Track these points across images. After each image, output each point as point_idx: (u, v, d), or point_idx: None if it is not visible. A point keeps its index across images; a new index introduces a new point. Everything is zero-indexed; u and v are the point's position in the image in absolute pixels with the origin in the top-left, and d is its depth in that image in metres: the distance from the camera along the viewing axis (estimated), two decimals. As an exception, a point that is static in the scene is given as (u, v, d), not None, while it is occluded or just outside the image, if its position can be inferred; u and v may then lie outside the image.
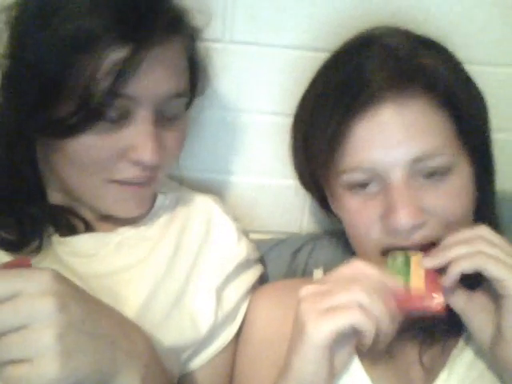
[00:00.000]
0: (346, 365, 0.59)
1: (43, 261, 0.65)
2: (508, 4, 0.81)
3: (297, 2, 0.78)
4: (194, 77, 0.72)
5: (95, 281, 0.66)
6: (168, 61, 0.63)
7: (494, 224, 0.68)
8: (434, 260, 0.58)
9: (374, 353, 0.61)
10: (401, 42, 0.65)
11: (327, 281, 0.58)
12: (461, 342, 0.64)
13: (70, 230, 0.69)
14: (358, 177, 0.63)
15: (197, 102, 0.81)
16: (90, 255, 0.68)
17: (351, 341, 0.56)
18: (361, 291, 0.53)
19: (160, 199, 0.76)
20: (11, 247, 0.64)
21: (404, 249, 0.62)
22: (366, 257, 0.64)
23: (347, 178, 0.64)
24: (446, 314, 0.58)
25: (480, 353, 0.62)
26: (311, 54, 0.80)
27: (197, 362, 0.71)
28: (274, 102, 0.84)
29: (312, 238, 0.87)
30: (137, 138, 0.62)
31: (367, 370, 0.63)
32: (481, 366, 0.62)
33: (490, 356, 0.59)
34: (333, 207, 0.72)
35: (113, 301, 0.63)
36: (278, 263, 0.85)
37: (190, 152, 0.85)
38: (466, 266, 0.55)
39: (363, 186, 0.63)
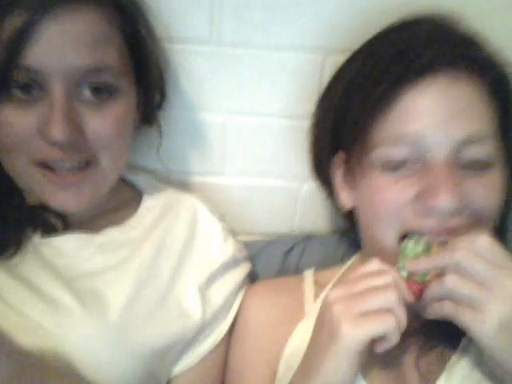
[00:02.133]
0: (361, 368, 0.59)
1: (25, 262, 0.65)
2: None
3: (285, 1, 0.78)
4: (138, 59, 0.67)
5: (78, 282, 0.65)
6: (77, 31, 0.59)
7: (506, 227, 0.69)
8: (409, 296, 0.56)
9: (372, 356, 0.61)
10: (452, 25, 0.64)
11: (352, 282, 0.56)
12: (459, 350, 0.63)
13: (48, 229, 0.68)
14: (397, 153, 0.60)
15: (184, 104, 0.82)
16: (72, 256, 0.67)
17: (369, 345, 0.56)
18: (392, 297, 0.53)
19: (146, 200, 0.76)
20: None
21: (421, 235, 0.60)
22: (380, 243, 0.63)
23: (386, 152, 0.60)
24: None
25: (479, 361, 0.61)
26: (301, 55, 0.80)
27: (187, 362, 0.71)
28: (264, 102, 0.83)
29: (303, 239, 0.87)
30: (48, 114, 0.59)
31: (364, 374, 0.63)
32: (479, 375, 0.60)
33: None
34: (344, 194, 0.70)
35: (96, 302, 0.64)
36: (270, 264, 0.85)
37: (180, 154, 0.85)
38: (438, 314, 0.55)
39: (398, 166, 0.60)
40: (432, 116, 0.59)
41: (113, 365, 0.62)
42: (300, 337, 0.68)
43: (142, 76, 0.69)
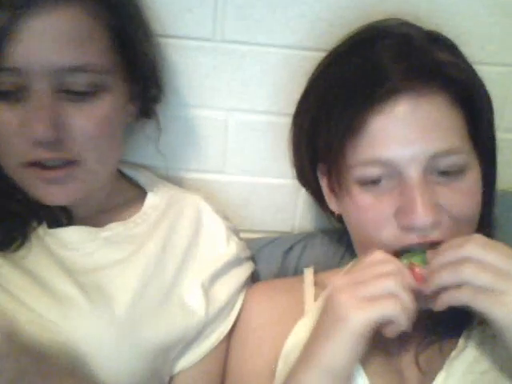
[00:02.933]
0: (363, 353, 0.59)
1: (31, 254, 0.65)
2: (504, 1, 0.81)
3: (288, 0, 0.78)
4: (126, 54, 0.66)
5: (84, 276, 0.66)
6: (59, 29, 0.59)
7: (491, 224, 0.69)
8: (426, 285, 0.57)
9: (371, 354, 0.62)
10: (415, 33, 0.65)
11: (356, 271, 0.57)
12: (459, 345, 0.63)
13: (53, 222, 0.68)
14: (372, 171, 0.62)
15: (186, 101, 0.82)
16: (77, 248, 0.68)
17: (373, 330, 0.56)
18: (396, 282, 0.54)
19: (150, 198, 0.76)
20: None
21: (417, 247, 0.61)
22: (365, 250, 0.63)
23: (361, 172, 0.62)
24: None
25: (479, 356, 0.62)
26: (303, 53, 0.80)
27: (189, 360, 0.72)
28: (265, 101, 0.83)
29: (304, 237, 0.87)
30: (31, 113, 0.59)
31: (365, 369, 0.63)
32: (479, 369, 0.61)
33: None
34: (333, 201, 0.71)
35: (102, 297, 0.64)
36: (270, 262, 0.85)
37: (181, 151, 0.85)
38: (453, 302, 0.55)
39: (376, 182, 0.62)
40: (400, 137, 0.60)
41: (117, 359, 0.63)
42: (299, 334, 0.68)
43: (133, 72, 0.68)
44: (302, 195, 0.88)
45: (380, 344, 0.64)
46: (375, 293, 0.54)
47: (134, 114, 0.72)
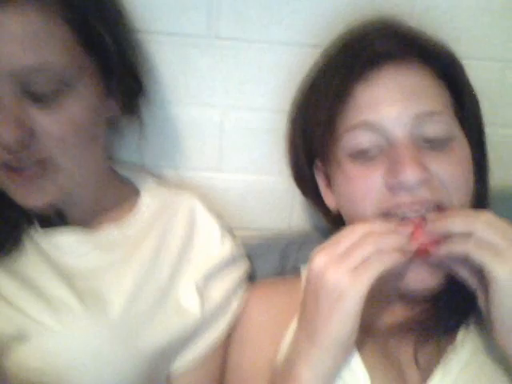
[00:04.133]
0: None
1: (24, 258, 0.65)
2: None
3: (282, -2, 0.77)
4: (95, 52, 0.64)
5: (77, 280, 0.65)
6: (15, 31, 0.57)
7: None
8: (433, 226, 0.59)
9: (371, 348, 0.63)
10: (403, 24, 0.69)
11: (333, 244, 0.58)
12: (457, 341, 0.63)
13: (44, 223, 0.68)
14: (360, 137, 0.63)
15: (181, 99, 0.81)
16: (70, 251, 0.67)
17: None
18: (374, 243, 0.56)
19: (144, 199, 0.76)
20: None
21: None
22: None
23: (350, 140, 0.64)
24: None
25: (476, 352, 0.62)
26: (298, 50, 0.80)
27: (186, 359, 0.71)
28: (261, 98, 0.83)
29: (301, 235, 0.87)
30: None
31: (367, 366, 0.63)
32: (476, 365, 0.61)
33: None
34: (329, 197, 0.72)
35: (96, 301, 0.64)
36: (267, 260, 0.85)
37: (177, 150, 0.85)
38: (456, 249, 0.56)
39: (365, 152, 0.63)
40: (384, 101, 0.63)
41: (113, 364, 0.62)
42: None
43: (104, 66, 0.66)
44: (298, 193, 0.88)
45: (379, 340, 0.64)
46: (360, 259, 0.55)
47: (114, 109, 0.69)
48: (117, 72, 0.67)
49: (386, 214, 0.63)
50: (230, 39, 0.79)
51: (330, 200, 0.73)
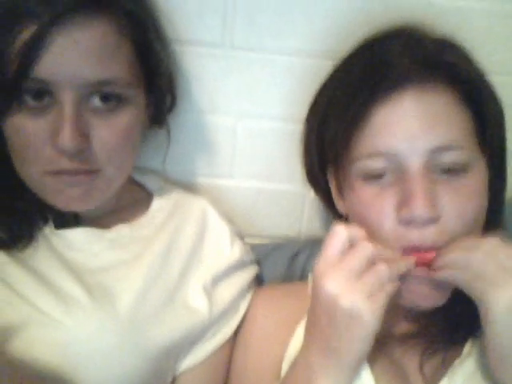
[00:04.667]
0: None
1: (37, 253, 0.66)
2: (507, 10, 0.81)
3: (297, 7, 0.79)
4: (148, 66, 0.67)
5: (88, 276, 0.66)
6: (88, 42, 0.60)
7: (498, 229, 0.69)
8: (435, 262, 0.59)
9: (379, 358, 0.63)
10: (427, 35, 0.66)
11: (336, 258, 0.57)
12: (463, 354, 0.63)
13: (60, 222, 0.69)
14: (375, 164, 0.62)
15: (195, 106, 0.82)
16: (82, 249, 0.68)
17: None
18: (386, 270, 0.56)
19: (156, 201, 0.77)
20: (4, 245, 0.65)
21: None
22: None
23: (364, 164, 0.63)
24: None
25: (481, 365, 0.61)
26: (312, 60, 0.81)
27: (192, 360, 0.72)
28: (273, 107, 0.84)
29: (310, 243, 0.87)
30: (57, 122, 0.60)
31: (374, 376, 0.63)
32: (482, 377, 0.60)
33: None
34: (341, 203, 0.72)
35: (105, 297, 0.65)
36: (276, 268, 0.85)
37: (189, 156, 0.86)
38: (452, 277, 0.57)
39: (379, 176, 0.63)
40: (403, 129, 0.61)
41: (120, 360, 0.63)
42: (302, 337, 0.68)
43: (152, 82, 0.69)
44: (309, 200, 0.89)
45: (386, 350, 0.64)
46: (374, 287, 0.56)
47: (145, 125, 0.73)
48: (160, 88, 0.70)
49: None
50: (244, 48, 0.80)
51: (340, 206, 0.73)
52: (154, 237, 0.73)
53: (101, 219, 0.72)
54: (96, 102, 0.62)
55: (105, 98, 0.62)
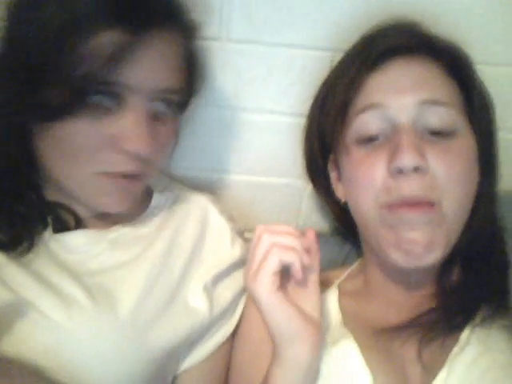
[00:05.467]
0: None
1: (36, 258, 0.65)
2: (507, 2, 0.81)
3: (293, 1, 0.78)
4: (192, 76, 0.70)
5: (89, 278, 0.65)
6: (165, 53, 0.62)
7: (492, 223, 0.69)
8: None
9: (375, 349, 0.63)
10: (420, 24, 0.72)
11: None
12: (461, 341, 0.62)
13: (60, 226, 0.68)
14: (368, 122, 0.66)
15: (194, 100, 0.82)
16: (83, 252, 0.67)
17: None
18: (267, 236, 0.61)
19: (156, 198, 0.76)
20: (3, 248, 0.64)
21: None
22: (365, 215, 0.66)
23: (358, 123, 0.66)
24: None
25: (481, 353, 0.61)
26: (309, 53, 0.80)
27: (193, 359, 0.72)
28: (271, 100, 0.84)
29: (308, 237, 0.87)
30: (130, 128, 0.61)
31: (369, 366, 0.63)
32: (482, 365, 0.60)
33: None
34: (339, 188, 0.74)
35: (106, 299, 0.64)
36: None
37: (186, 151, 0.85)
38: None
39: (372, 139, 0.66)
40: (392, 87, 0.66)
41: (119, 363, 0.62)
42: None
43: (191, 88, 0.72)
44: (307, 195, 0.88)
45: (384, 339, 0.64)
46: (260, 259, 0.61)
47: None
48: (195, 90, 0.73)
49: (385, 208, 0.64)
50: (242, 41, 0.79)
51: (339, 192, 0.74)
52: (154, 236, 0.72)
53: (100, 219, 0.71)
54: (161, 107, 0.64)
55: (165, 106, 0.65)
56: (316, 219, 0.91)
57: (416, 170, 0.61)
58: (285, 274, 0.62)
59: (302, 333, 0.60)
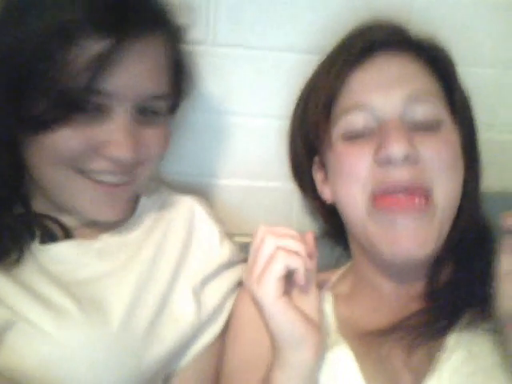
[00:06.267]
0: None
1: (25, 269, 0.64)
2: (491, 3, 0.82)
3: (280, 3, 0.78)
4: (179, 80, 0.70)
5: (77, 288, 0.65)
6: (149, 58, 0.62)
7: (478, 222, 0.69)
8: None
9: (366, 353, 0.62)
10: (401, 23, 0.72)
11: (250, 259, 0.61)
12: (448, 346, 0.62)
13: (48, 237, 0.67)
14: (353, 119, 0.65)
15: (183, 104, 0.82)
16: (71, 262, 0.67)
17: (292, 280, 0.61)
18: (272, 239, 0.59)
19: (143, 202, 0.76)
20: None
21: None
22: (354, 208, 0.66)
23: (344, 122, 0.66)
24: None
25: (467, 358, 0.60)
26: (296, 56, 0.81)
27: (183, 362, 0.71)
28: (259, 104, 0.84)
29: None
30: (113, 135, 0.61)
31: (362, 371, 0.62)
32: (470, 370, 0.60)
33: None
34: (326, 190, 0.73)
35: (96, 310, 0.63)
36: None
37: (176, 155, 0.85)
38: None
39: (356, 134, 0.66)
40: (376, 84, 0.66)
41: (112, 374, 0.62)
42: None
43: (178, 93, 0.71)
44: (298, 197, 0.88)
45: (374, 344, 0.63)
46: (264, 261, 0.58)
47: None
48: (183, 96, 0.73)
49: (374, 199, 0.64)
50: (228, 45, 0.80)
51: (326, 194, 0.74)
52: (141, 241, 0.71)
53: (87, 228, 0.71)
54: (145, 114, 0.64)
55: (152, 111, 0.65)
56: (308, 221, 0.90)
57: (406, 158, 0.61)
58: (287, 278, 0.61)
59: (306, 338, 0.59)
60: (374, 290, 0.70)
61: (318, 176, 0.75)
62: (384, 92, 0.65)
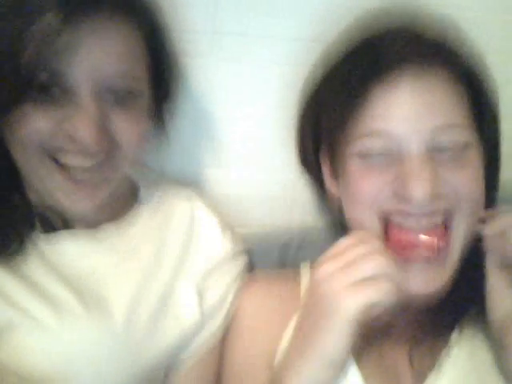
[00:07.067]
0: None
1: (26, 260, 0.64)
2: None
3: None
4: (160, 68, 0.69)
5: (79, 282, 0.65)
6: (112, 41, 0.60)
7: None
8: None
9: (366, 351, 0.62)
10: (427, 27, 0.65)
11: (338, 255, 0.56)
12: (451, 344, 0.62)
13: (47, 227, 0.67)
14: (373, 144, 0.61)
15: (181, 94, 0.81)
16: (71, 253, 0.67)
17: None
18: (383, 263, 0.53)
19: (143, 193, 0.75)
20: None
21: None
22: (361, 226, 0.64)
23: (361, 144, 0.61)
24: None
25: (470, 354, 0.61)
26: (298, 44, 0.80)
27: (185, 358, 0.71)
28: (260, 94, 0.83)
29: (301, 233, 0.86)
30: (77, 118, 0.59)
31: (362, 371, 0.63)
32: (471, 368, 0.60)
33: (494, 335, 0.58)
34: (333, 185, 0.71)
35: (98, 306, 0.64)
36: (267, 256, 0.85)
37: (177, 146, 0.85)
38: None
39: (375, 157, 0.62)
40: (402, 110, 0.60)
41: (112, 372, 0.62)
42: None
43: (160, 82, 0.69)
44: (299, 190, 0.87)
45: (374, 342, 0.63)
46: (363, 276, 0.53)
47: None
48: (167, 88, 0.71)
49: (384, 219, 0.62)
50: (228, 34, 0.78)
51: (333, 188, 0.72)
52: (142, 234, 0.71)
53: (88, 218, 0.70)
54: (111, 97, 0.61)
55: (120, 94, 0.62)
56: (310, 214, 0.89)
57: (430, 201, 0.58)
58: None
59: (342, 361, 0.56)
60: None
61: (325, 167, 0.72)
62: (412, 124, 0.59)
